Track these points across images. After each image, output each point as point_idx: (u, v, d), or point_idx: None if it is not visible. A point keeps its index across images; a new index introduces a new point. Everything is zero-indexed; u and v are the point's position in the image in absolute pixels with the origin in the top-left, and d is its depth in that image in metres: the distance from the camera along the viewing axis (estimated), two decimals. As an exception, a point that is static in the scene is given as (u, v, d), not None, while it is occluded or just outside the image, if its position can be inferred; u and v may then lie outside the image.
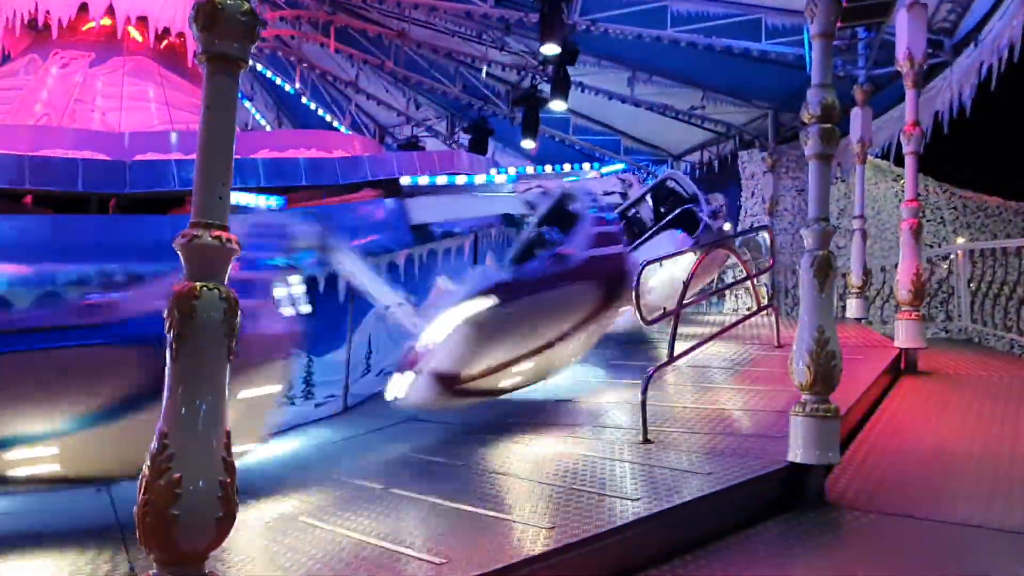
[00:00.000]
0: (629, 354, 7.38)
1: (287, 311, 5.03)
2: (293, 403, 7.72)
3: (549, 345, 5.64)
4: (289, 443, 6.34)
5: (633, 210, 9.86)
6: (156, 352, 4.16)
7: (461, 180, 10.71)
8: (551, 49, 12.92)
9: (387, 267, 9.00)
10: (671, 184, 9.92)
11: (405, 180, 10.13)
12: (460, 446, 5.14)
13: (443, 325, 5.20)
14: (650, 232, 9.15)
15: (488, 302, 5.24)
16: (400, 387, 5.27)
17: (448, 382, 5.15)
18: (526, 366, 5.59)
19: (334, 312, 7.38)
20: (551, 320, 5.65)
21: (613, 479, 3.90)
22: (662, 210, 9.57)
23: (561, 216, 6.62)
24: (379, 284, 6.48)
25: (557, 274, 5.79)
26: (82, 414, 4.15)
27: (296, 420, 7.49)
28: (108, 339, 4.32)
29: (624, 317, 7.19)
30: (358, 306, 8.20)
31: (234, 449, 2.28)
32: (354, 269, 6.39)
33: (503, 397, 5.86)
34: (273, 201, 8.59)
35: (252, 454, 4.78)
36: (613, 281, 6.25)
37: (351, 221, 9.20)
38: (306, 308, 5.23)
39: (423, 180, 10.38)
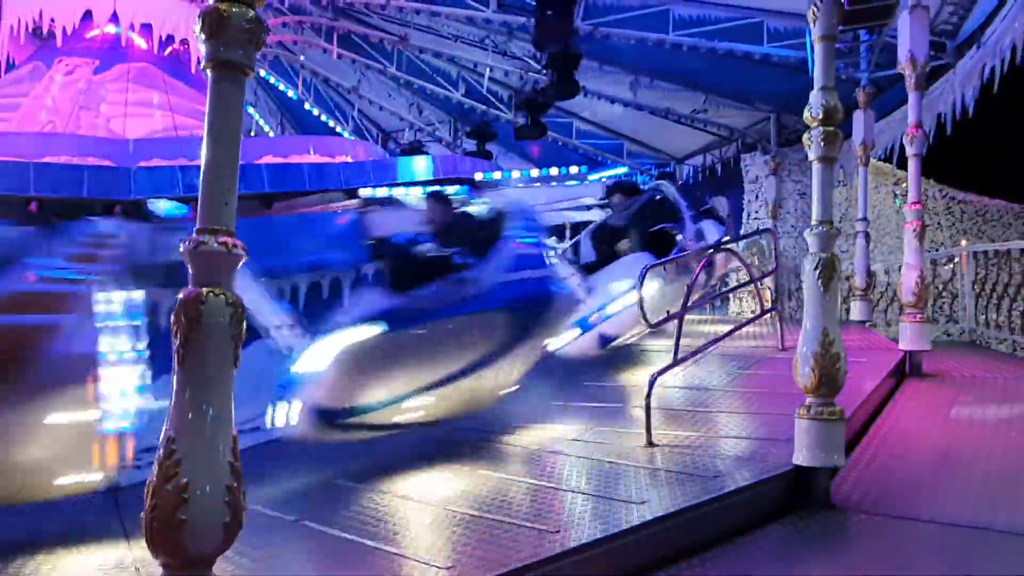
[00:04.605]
0: (630, 362, 7.38)
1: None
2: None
3: (452, 379, 5.22)
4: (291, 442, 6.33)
5: (620, 222, 8.98)
6: None
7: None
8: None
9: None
10: (659, 197, 9.16)
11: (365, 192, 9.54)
12: (462, 445, 5.13)
13: (320, 353, 4.85)
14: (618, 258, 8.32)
15: (369, 332, 4.90)
16: (282, 417, 4.87)
17: (329, 416, 4.80)
18: (427, 400, 5.19)
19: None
20: (449, 353, 5.24)
21: (617, 482, 3.90)
22: (647, 223, 8.71)
23: (483, 236, 6.15)
24: (262, 303, 5.70)
25: (457, 303, 5.38)
26: None
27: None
28: None
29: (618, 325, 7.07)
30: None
31: None
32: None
33: (508, 400, 5.83)
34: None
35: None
36: (528, 310, 5.83)
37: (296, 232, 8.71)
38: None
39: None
